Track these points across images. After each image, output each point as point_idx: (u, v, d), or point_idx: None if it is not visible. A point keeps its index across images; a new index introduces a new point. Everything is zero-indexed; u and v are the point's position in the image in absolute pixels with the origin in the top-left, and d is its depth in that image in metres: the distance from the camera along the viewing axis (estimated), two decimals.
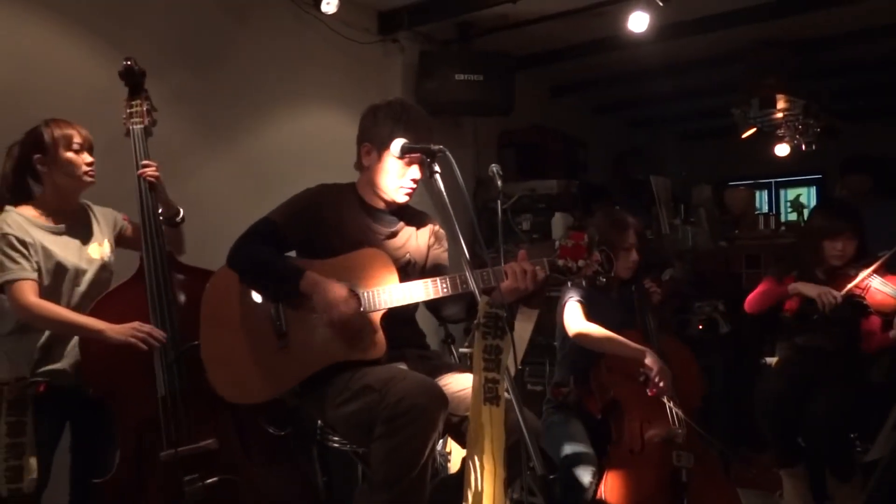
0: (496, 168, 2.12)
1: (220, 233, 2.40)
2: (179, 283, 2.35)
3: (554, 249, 2.07)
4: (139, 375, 2.22)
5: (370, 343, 2.07)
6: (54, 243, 2.28)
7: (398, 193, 2.23)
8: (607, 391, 2.69)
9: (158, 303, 2.26)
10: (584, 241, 2.05)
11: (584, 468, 2.50)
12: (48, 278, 2.25)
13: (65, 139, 2.27)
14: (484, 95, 4.46)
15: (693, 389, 2.75)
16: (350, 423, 2.03)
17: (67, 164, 2.27)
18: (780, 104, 5.31)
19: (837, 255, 2.94)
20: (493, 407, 1.51)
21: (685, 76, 5.88)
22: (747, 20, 4.56)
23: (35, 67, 2.80)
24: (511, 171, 5.29)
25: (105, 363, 2.21)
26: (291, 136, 3.85)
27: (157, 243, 2.31)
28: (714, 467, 2.64)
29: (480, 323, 1.60)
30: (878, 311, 2.82)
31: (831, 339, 2.99)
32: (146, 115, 2.43)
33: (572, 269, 2.05)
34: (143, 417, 2.23)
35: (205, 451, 2.22)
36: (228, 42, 3.57)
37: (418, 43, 4.59)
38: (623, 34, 4.21)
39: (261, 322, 2.13)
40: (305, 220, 2.20)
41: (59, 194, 2.32)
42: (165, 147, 3.14)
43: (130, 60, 2.42)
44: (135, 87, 2.45)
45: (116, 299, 2.28)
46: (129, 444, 2.24)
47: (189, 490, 2.16)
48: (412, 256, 2.31)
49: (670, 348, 2.79)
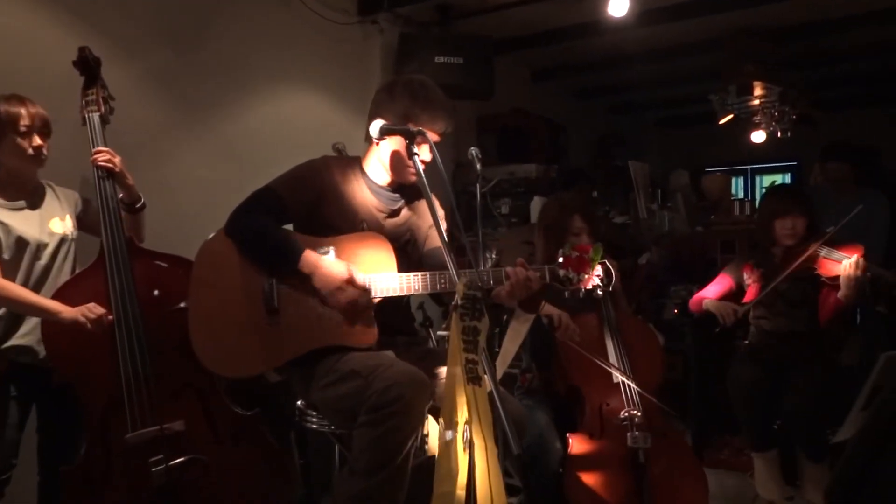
0: (475, 151, 2.12)
1: (198, 215, 2.40)
2: (141, 267, 2.33)
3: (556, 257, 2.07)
4: (103, 358, 2.21)
5: (362, 329, 2.05)
6: (13, 218, 2.28)
7: (406, 173, 2.18)
8: (567, 379, 2.73)
9: (119, 286, 2.25)
10: (588, 255, 2.04)
11: (548, 455, 2.53)
12: (8, 253, 2.25)
13: (11, 120, 2.23)
14: (464, 79, 4.44)
15: (653, 369, 2.77)
16: (333, 406, 2.02)
17: (13, 147, 2.25)
18: (757, 91, 5.36)
19: (788, 233, 3.07)
20: (476, 387, 1.52)
21: (665, 62, 5.90)
22: (727, 7, 4.59)
23: (8, 44, 2.74)
24: (491, 156, 5.29)
25: (67, 346, 2.20)
26: (270, 118, 3.82)
27: (115, 227, 2.30)
28: (677, 447, 2.66)
29: (458, 304, 1.60)
30: (829, 279, 2.93)
31: (797, 320, 3.07)
32: (102, 103, 2.43)
33: (573, 280, 2.05)
34: (108, 400, 2.21)
35: (171, 432, 2.22)
36: (208, 22, 3.51)
37: (398, 25, 4.55)
38: (604, 19, 4.22)
39: (252, 295, 2.08)
40: (308, 192, 2.14)
41: (11, 172, 2.31)
42: (142, 127, 3.12)
43: (85, 49, 2.41)
44: (90, 76, 2.44)
45: (77, 286, 2.27)
46: (95, 427, 2.23)
47: (156, 472, 2.16)
48: (413, 236, 2.28)
49: (631, 328, 2.83)
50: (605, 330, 2.76)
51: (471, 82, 4.50)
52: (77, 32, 2.92)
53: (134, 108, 2.68)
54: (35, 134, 2.27)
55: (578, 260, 2.04)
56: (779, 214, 3.09)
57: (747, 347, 3.25)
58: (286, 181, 2.17)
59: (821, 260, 2.93)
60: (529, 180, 4.87)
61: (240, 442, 2.34)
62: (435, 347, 3.21)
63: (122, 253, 2.28)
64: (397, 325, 2.25)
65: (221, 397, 2.35)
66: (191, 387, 2.25)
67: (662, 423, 2.66)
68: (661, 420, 2.66)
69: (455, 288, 1.91)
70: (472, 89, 4.61)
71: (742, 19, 4.94)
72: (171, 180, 3.18)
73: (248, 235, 2.11)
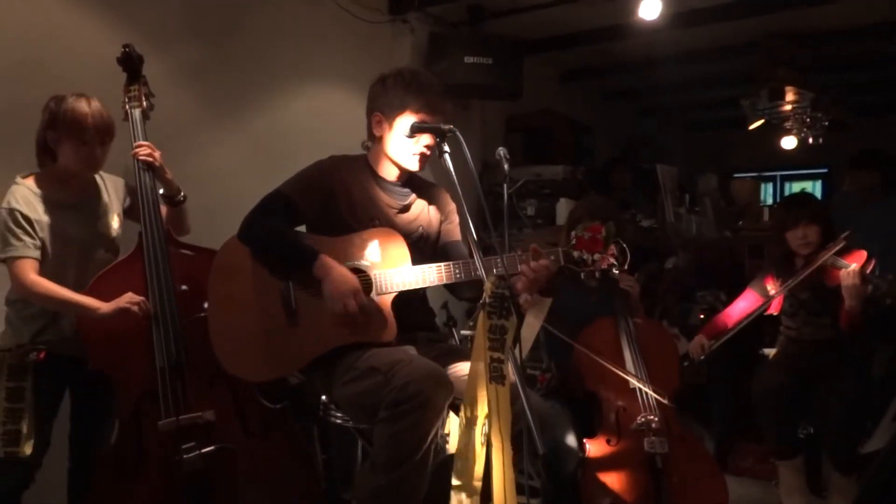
0: (503, 151, 2.11)
1: (227, 209, 2.41)
2: (178, 260, 2.36)
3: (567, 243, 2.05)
4: (138, 349, 2.25)
5: (381, 326, 2.06)
6: (62, 218, 2.28)
7: (411, 161, 2.19)
8: (584, 383, 2.71)
9: (157, 279, 2.28)
10: (601, 235, 2.01)
11: (566, 456, 2.52)
12: (55, 253, 2.26)
13: (74, 126, 2.21)
14: (493, 79, 4.44)
15: (670, 373, 2.74)
16: (354, 403, 2.03)
17: (72, 151, 2.24)
18: (789, 96, 5.29)
19: (801, 243, 3.02)
20: (499, 386, 1.53)
21: (695, 65, 5.85)
22: (760, 11, 4.53)
23: (45, 41, 2.78)
24: (517, 156, 5.28)
25: (103, 338, 2.23)
26: (300, 114, 3.85)
27: (154, 221, 2.33)
28: (696, 452, 2.63)
29: (486, 303, 1.61)
30: (837, 288, 2.86)
31: (820, 329, 3.03)
32: (144, 98, 2.45)
33: (587, 261, 2.03)
34: (142, 390, 2.26)
35: (202, 421, 2.26)
36: (238, 17, 3.55)
37: (428, 24, 4.57)
38: (634, 21, 4.19)
39: (271, 298, 2.10)
40: (318, 193, 2.16)
41: (65, 171, 2.30)
42: (173, 122, 3.16)
43: (128, 46, 2.43)
44: (133, 73, 2.47)
45: (113, 276, 2.29)
46: (128, 416, 2.28)
47: (188, 458, 2.20)
48: (424, 230, 2.28)
49: (647, 332, 2.80)
50: (621, 334, 2.73)
51: (499, 82, 4.51)
52: (114, 27, 2.97)
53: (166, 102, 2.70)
54: (96, 144, 2.26)
55: (591, 240, 2.01)
56: (788, 226, 3.06)
57: (775, 355, 3.21)
58: (295, 183, 2.19)
59: (829, 269, 2.88)
60: (556, 182, 4.86)
61: (269, 434, 2.38)
62: (457, 345, 3.20)
63: (160, 246, 2.31)
64: (417, 319, 2.25)
65: (251, 389, 2.38)
66: (222, 377, 2.27)
67: (680, 428, 2.63)
68: (678, 425, 2.63)
69: (471, 277, 1.91)
70: (501, 89, 4.61)
71: (775, 23, 4.88)
72: (200, 174, 3.21)
73: (261, 241, 2.13)
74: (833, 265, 2.85)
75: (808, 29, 4.97)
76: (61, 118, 2.21)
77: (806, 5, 4.38)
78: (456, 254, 2.26)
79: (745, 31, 4.98)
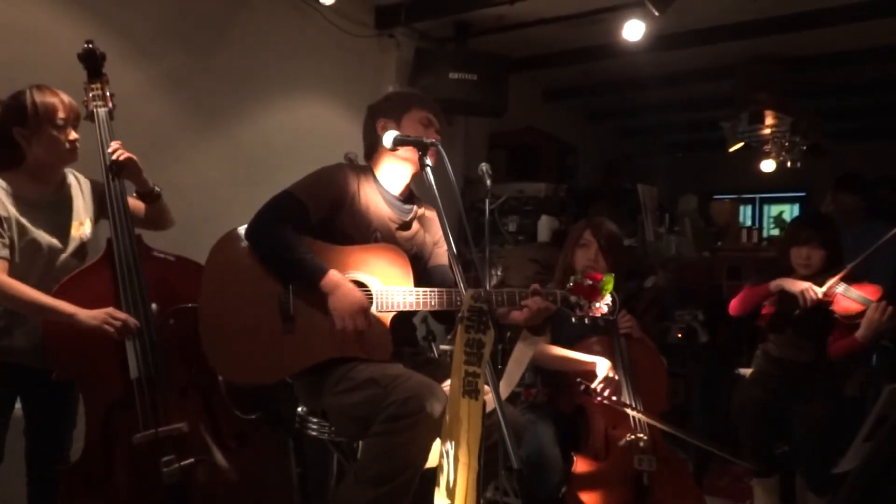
0: (486, 167, 2.11)
1: (209, 218, 2.40)
2: (148, 268, 2.26)
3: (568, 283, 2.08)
4: (108, 358, 2.15)
5: (378, 344, 2.04)
6: (32, 219, 2.19)
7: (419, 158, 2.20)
8: (573, 398, 2.72)
9: (129, 287, 2.18)
10: (600, 284, 2.04)
11: (548, 470, 2.52)
12: (21, 255, 2.16)
13: (48, 113, 2.15)
14: (477, 95, 4.47)
15: (659, 392, 2.76)
16: (346, 413, 1.99)
17: (49, 140, 2.17)
18: (769, 120, 5.37)
19: (803, 263, 3.00)
20: (471, 400, 1.52)
21: (677, 88, 5.94)
22: (742, 35, 4.61)
23: (30, 44, 2.77)
24: (500, 173, 5.31)
25: (71, 346, 2.13)
26: (283, 126, 3.85)
27: (125, 229, 2.22)
28: (680, 471, 2.64)
29: (465, 317, 1.60)
30: (843, 317, 2.87)
31: (804, 351, 3.04)
32: (108, 98, 2.36)
33: (583, 307, 2.06)
34: (113, 400, 2.17)
35: (177, 433, 2.19)
36: (225, 27, 3.56)
37: (414, 39, 4.60)
38: (618, 42, 4.24)
39: (268, 301, 2.05)
40: (328, 200, 2.12)
41: (39, 166, 2.22)
42: (156, 128, 3.15)
43: (90, 43, 2.36)
44: (94, 70, 2.36)
45: (80, 283, 2.18)
46: (97, 427, 2.17)
47: (167, 471, 2.13)
48: (418, 250, 2.28)
49: (638, 351, 2.82)
50: (616, 357, 2.73)
51: (484, 99, 4.54)
52: (89, 30, 2.93)
53: (147, 108, 2.69)
54: (70, 127, 2.20)
55: (591, 288, 2.04)
56: (796, 243, 3.03)
57: (752, 373, 3.23)
58: (308, 186, 2.14)
59: (837, 296, 2.87)
60: (538, 199, 4.89)
61: (242, 446, 2.31)
62: (436, 358, 3.20)
63: (132, 255, 2.20)
64: (403, 334, 2.24)
65: (223, 401, 2.33)
66: (195, 388, 2.23)
67: (666, 447, 2.65)
68: (665, 445, 2.65)
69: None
70: (485, 106, 4.64)
71: (756, 48, 4.96)
72: (181, 182, 3.19)
73: (270, 247, 2.08)
74: (844, 294, 2.83)
75: (787, 54, 5.06)
76: (32, 111, 2.14)
77: (786, 31, 4.46)
78: (440, 277, 2.26)
79: (727, 55, 5.06)
